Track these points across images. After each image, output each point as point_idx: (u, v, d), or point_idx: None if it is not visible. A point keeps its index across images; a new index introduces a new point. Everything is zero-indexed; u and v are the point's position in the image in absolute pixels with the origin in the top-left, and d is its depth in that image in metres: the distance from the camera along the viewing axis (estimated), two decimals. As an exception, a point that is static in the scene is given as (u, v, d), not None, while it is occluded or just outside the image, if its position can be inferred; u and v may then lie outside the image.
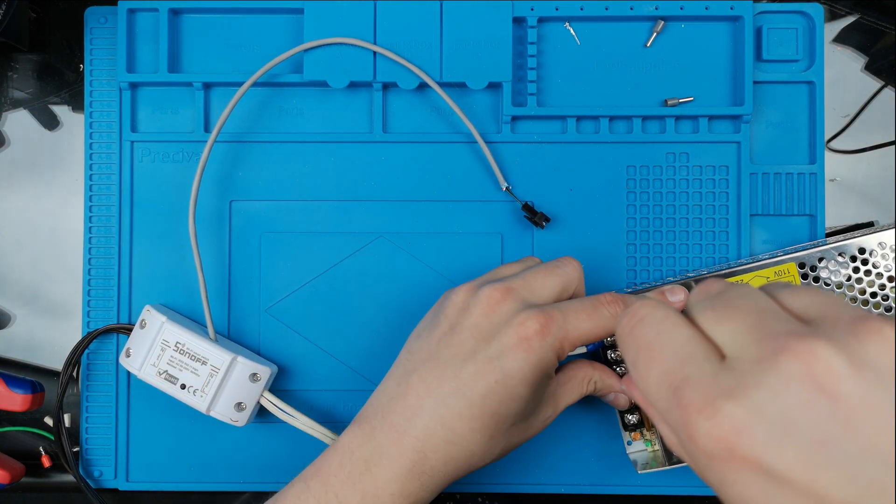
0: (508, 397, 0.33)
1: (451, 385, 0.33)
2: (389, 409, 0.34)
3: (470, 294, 0.35)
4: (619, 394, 0.39)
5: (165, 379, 0.40)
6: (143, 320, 0.41)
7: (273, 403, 0.41)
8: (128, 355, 0.41)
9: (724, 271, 0.40)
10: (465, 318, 0.34)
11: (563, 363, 0.36)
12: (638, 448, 0.41)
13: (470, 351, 0.33)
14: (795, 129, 0.43)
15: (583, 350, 0.39)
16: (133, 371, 0.41)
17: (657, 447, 0.41)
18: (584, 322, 0.34)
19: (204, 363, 0.40)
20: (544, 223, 0.42)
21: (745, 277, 0.39)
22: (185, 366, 0.40)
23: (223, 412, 0.40)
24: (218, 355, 0.40)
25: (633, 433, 0.41)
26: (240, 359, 0.40)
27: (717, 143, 0.43)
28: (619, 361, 0.40)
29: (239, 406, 0.40)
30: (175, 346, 0.40)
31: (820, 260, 0.39)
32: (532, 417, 0.35)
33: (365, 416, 0.34)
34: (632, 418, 0.41)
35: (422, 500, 0.33)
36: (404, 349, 0.36)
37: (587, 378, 0.37)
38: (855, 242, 0.39)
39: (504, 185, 0.42)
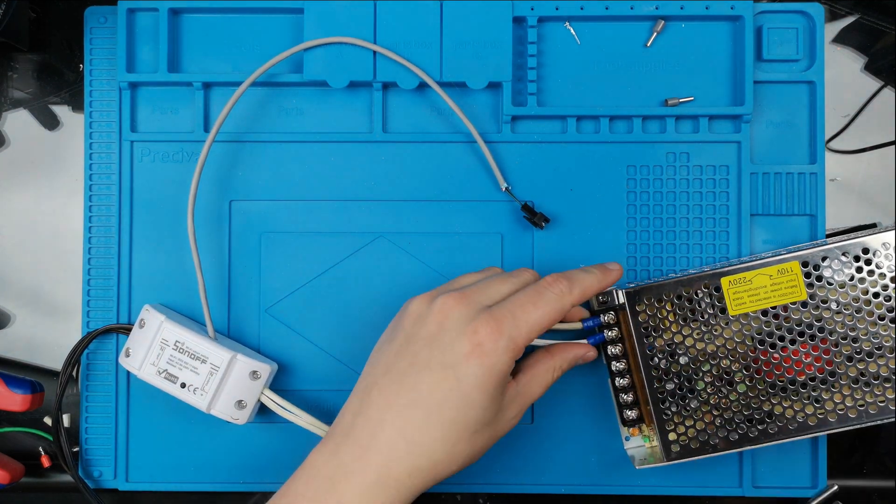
0: (465, 405, 0.33)
1: (410, 396, 0.33)
2: (352, 424, 0.34)
3: (426, 304, 0.35)
4: (588, 353, 0.39)
5: (165, 378, 0.40)
6: (142, 320, 0.41)
7: (273, 401, 0.41)
8: (127, 355, 0.41)
9: (727, 268, 0.40)
10: (421, 329, 0.35)
11: (522, 358, 0.37)
12: (636, 444, 0.42)
13: (425, 361, 0.34)
14: (795, 129, 0.43)
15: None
16: (133, 371, 0.41)
17: (655, 443, 0.41)
18: (533, 312, 0.34)
19: (203, 361, 0.40)
20: (544, 223, 0.42)
21: (749, 275, 0.40)
22: (185, 364, 0.40)
23: (224, 410, 0.40)
24: (217, 353, 0.40)
25: (631, 429, 0.41)
26: (239, 356, 0.40)
27: (717, 143, 0.43)
28: (620, 356, 0.40)
29: (240, 404, 0.40)
30: (174, 344, 0.40)
31: (823, 259, 0.39)
32: (496, 420, 0.35)
33: (331, 434, 0.35)
34: (630, 414, 0.41)
35: None
36: (367, 363, 0.37)
37: (549, 369, 0.38)
38: (859, 242, 0.39)
39: (504, 186, 0.42)
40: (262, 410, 0.42)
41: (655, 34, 0.43)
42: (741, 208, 0.43)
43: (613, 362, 0.41)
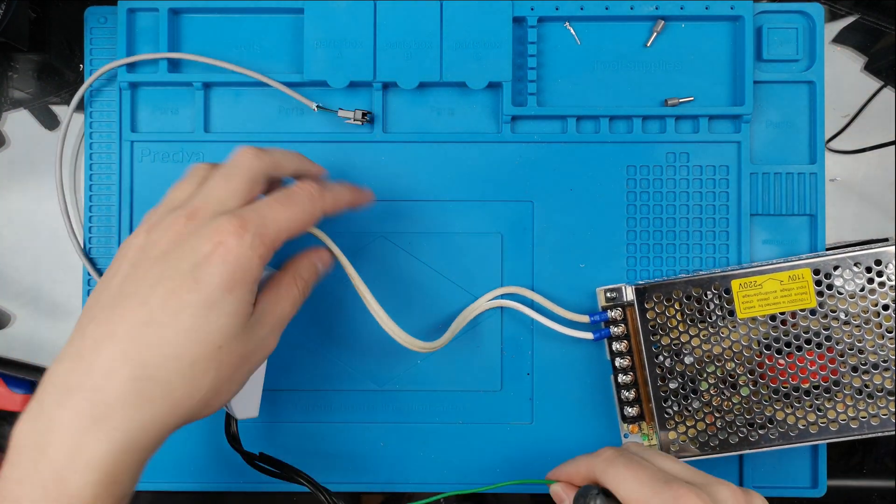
0: (206, 308, 0.28)
1: (136, 316, 0.28)
2: (58, 372, 0.28)
3: (149, 231, 0.31)
4: (321, 256, 0.36)
5: None
6: None
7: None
8: None
9: (738, 271, 0.40)
10: (150, 251, 0.30)
11: (264, 283, 0.33)
12: (634, 441, 0.42)
13: (158, 276, 0.29)
14: (795, 129, 0.43)
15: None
16: None
17: (654, 441, 0.41)
18: (282, 211, 0.31)
19: None
20: None
21: (760, 279, 0.40)
22: None
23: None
24: None
25: (630, 426, 0.42)
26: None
27: (717, 143, 0.43)
28: (624, 353, 0.40)
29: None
30: None
31: (835, 268, 0.39)
32: (246, 338, 0.30)
33: (34, 397, 0.28)
34: (631, 411, 0.41)
35: (125, 465, 0.27)
36: (83, 310, 0.30)
37: (290, 280, 0.34)
38: (872, 253, 0.39)
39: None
40: (263, 410, 0.42)
41: (655, 34, 0.43)
42: (741, 208, 0.43)
43: (618, 358, 0.41)
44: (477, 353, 0.43)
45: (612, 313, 0.41)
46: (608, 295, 0.41)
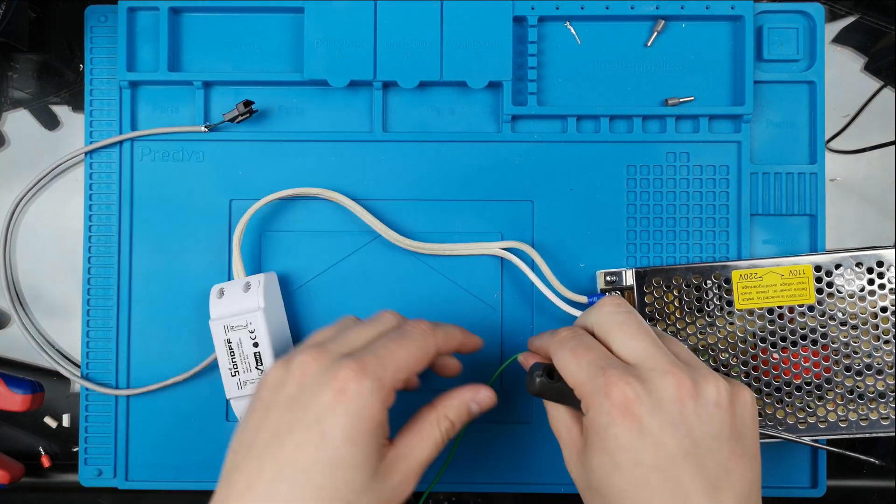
0: (334, 464, 0.29)
1: (272, 470, 0.29)
2: None
3: (282, 368, 0.32)
4: (479, 394, 0.34)
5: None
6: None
7: None
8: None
9: (739, 262, 0.40)
10: (279, 394, 0.31)
11: (407, 423, 0.33)
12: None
13: (287, 426, 0.30)
14: (795, 129, 0.43)
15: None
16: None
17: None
18: (397, 350, 0.32)
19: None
20: None
21: (761, 271, 0.40)
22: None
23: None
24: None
25: None
26: None
27: (717, 143, 0.43)
28: None
29: None
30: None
31: (837, 266, 0.39)
32: (378, 487, 0.30)
33: None
34: None
35: None
36: (229, 449, 0.32)
37: (432, 422, 0.33)
38: (874, 254, 0.39)
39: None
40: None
41: (656, 34, 0.43)
42: (741, 208, 0.43)
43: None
44: (477, 353, 0.43)
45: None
46: (608, 278, 0.41)
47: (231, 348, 0.40)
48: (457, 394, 0.34)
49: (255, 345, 0.39)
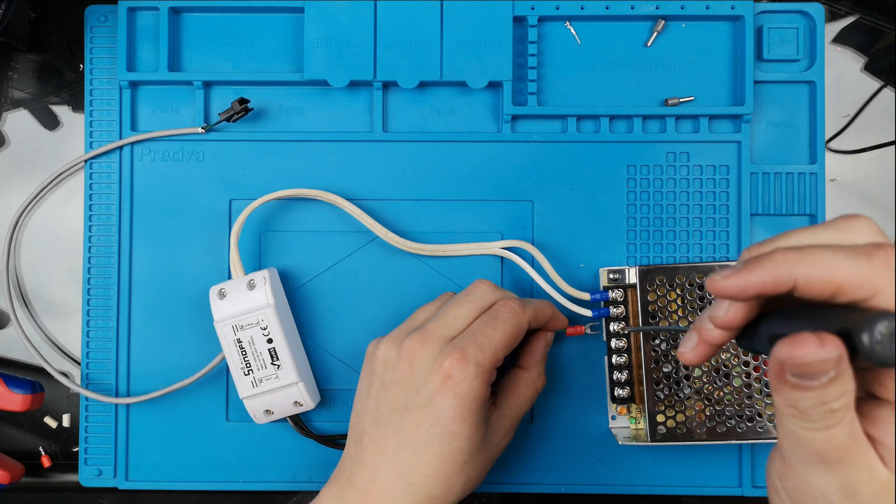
0: (449, 437, 0.34)
1: (396, 439, 0.35)
2: (352, 471, 0.36)
3: (393, 348, 0.36)
4: (552, 326, 0.40)
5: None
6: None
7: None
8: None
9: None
10: (394, 374, 0.36)
11: (500, 379, 0.39)
12: (621, 424, 0.42)
13: (404, 404, 0.35)
14: (796, 129, 0.43)
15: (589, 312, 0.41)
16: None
17: (641, 425, 0.41)
18: (493, 334, 0.36)
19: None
20: None
21: None
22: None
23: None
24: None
25: (619, 407, 0.42)
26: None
27: (717, 143, 0.43)
28: (622, 334, 0.41)
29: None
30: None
31: None
32: (486, 445, 0.36)
33: (336, 478, 0.37)
34: (621, 392, 0.41)
35: None
36: (353, 409, 0.38)
37: (527, 382, 0.39)
38: None
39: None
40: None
41: (656, 34, 0.43)
42: (741, 208, 0.43)
43: (614, 339, 0.41)
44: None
45: (613, 294, 0.41)
46: (611, 276, 0.41)
47: (242, 347, 0.40)
48: (537, 346, 0.40)
49: (270, 341, 0.39)
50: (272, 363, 0.40)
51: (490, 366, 0.35)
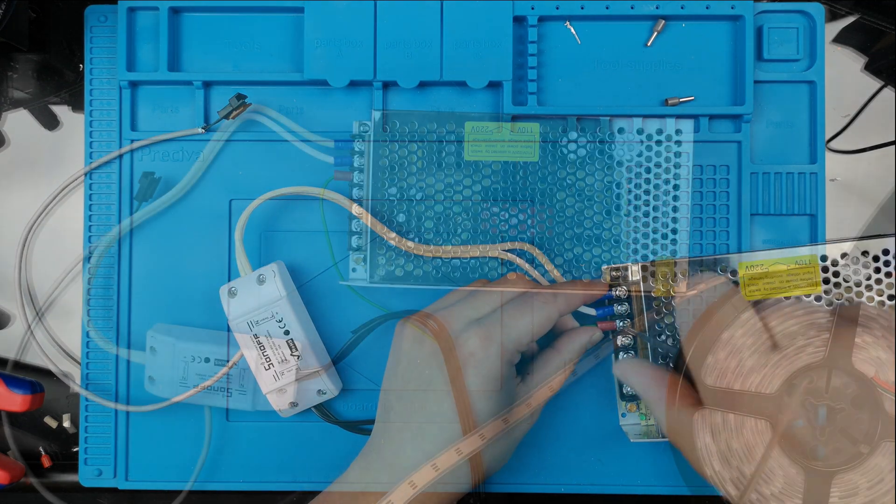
0: (472, 412, 0.36)
1: (421, 415, 0.36)
2: (379, 444, 0.38)
3: (420, 326, 0.38)
4: (594, 335, 0.40)
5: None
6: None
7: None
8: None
9: (745, 253, 0.40)
10: (420, 351, 0.37)
11: (533, 359, 0.40)
12: (632, 421, 0.42)
13: (428, 380, 0.37)
14: (796, 129, 0.43)
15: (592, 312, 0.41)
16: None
17: (651, 421, 0.41)
18: (520, 319, 0.37)
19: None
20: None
21: (767, 262, 0.40)
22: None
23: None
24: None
25: (629, 405, 0.42)
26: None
27: (717, 143, 0.43)
28: (627, 331, 0.41)
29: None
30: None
31: (843, 256, 0.39)
32: (508, 423, 0.37)
33: (364, 452, 0.38)
34: (630, 390, 0.41)
35: None
36: (381, 388, 0.39)
37: (559, 365, 0.39)
38: (880, 242, 0.39)
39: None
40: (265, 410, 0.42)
41: (656, 34, 0.43)
42: (741, 208, 0.43)
43: (620, 337, 0.41)
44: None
45: (617, 291, 0.41)
46: (613, 273, 0.41)
47: (260, 343, 0.40)
48: (577, 338, 0.40)
49: (287, 332, 0.40)
50: (291, 354, 0.40)
51: (513, 348, 0.37)
